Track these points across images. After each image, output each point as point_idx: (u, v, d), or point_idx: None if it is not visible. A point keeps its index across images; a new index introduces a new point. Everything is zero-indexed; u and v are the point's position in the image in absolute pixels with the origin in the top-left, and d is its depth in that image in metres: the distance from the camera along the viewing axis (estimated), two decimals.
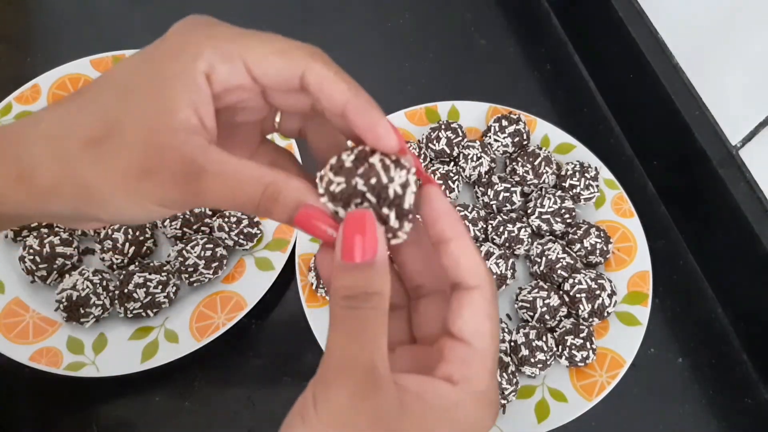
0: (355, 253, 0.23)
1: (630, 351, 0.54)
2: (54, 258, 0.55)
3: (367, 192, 0.24)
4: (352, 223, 0.24)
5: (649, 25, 0.62)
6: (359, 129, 0.24)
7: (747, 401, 0.56)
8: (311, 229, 0.24)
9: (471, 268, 0.25)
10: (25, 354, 0.52)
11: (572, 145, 0.64)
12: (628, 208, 0.60)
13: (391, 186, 0.24)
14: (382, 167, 0.24)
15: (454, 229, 0.26)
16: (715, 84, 0.56)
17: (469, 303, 0.25)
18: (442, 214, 0.26)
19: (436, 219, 0.26)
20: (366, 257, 0.23)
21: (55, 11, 0.74)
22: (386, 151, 0.25)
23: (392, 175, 0.24)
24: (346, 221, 0.24)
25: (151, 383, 0.54)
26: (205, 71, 0.24)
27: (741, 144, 0.54)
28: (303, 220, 0.24)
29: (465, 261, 0.25)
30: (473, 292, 0.25)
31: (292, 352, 0.56)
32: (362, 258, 0.23)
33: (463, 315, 0.25)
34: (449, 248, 0.26)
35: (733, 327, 0.59)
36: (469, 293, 0.25)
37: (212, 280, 0.56)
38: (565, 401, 0.52)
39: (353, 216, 0.24)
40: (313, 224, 0.24)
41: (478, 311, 0.25)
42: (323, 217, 0.24)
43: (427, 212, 0.26)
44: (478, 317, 0.25)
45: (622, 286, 0.57)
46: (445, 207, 0.26)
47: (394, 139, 0.24)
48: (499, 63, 0.73)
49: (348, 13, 0.76)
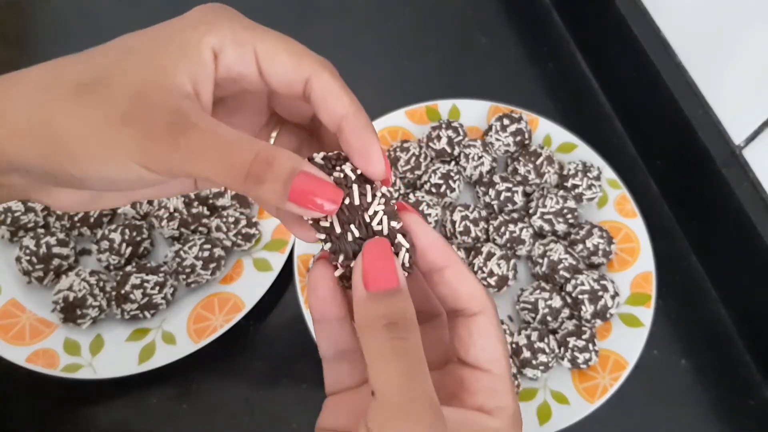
0: (384, 279, 0.23)
1: (633, 353, 0.53)
2: (50, 259, 0.54)
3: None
4: (374, 251, 0.24)
5: (652, 24, 0.61)
6: (352, 148, 0.24)
7: (750, 403, 0.55)
8: (311, 198, 0.22)
9: (472, 294, 0.25)
10: (21, 355, 0.52)
11: (575, 145, 0.63)
12: (631, 208, 0.60)
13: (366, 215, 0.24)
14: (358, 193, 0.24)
15: (445, 257, 0.25)
16: (718, 83, 0.56)
17: (478, 330, 0.25)
18: (430, 244, 0.25)
19: (424, 249, 0.25)
20: (394, 283, 0.23)
21: (53, 11, 0.74)
22: (372, 177, 0.24)
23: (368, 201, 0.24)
24: (367, 249, 0.24)
25: (148, 385, 0.54)
26: (213, 47, 0.23)
27: (744, 143, 0.54)
28: (301, 187, 0.22)
29: (464, 287, 0.25)
30: (479, 318, 0.25)
31: (290, 354, 0.56)
32: (391, 284, 0.23)
33: (477, 343, 0.25)
34: (444, 277, 0.25)
35: (736, 328, 0.58)
36: (475, 320, 0.25)
37: (210, 281, 0.56)
38: (567, 403, 0.52)
39: (373, 243, 0.24)
40: (314, 190, 0.22)
41: (490, 337, 0.25)
42: (324, 183, 0.23)
43: (417, 244, 0.25)
44: (492, 343, 0.25)
45: (625, 287, 0.56)
46: (431, 236, 0.25)
47: (383, 167, 0.24)
48: (500, 61, 0.73)
49: (348, 12, 0.76)
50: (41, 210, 0.58)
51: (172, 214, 0.56)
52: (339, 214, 0.24)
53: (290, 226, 0.27)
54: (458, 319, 0.26)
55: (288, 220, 0.27)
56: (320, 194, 0.22)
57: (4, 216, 0.56)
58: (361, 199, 0.24)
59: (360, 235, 0.25)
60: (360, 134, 0.24)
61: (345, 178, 0.24)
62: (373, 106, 0.65)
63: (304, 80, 0.24)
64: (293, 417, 0.53)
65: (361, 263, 0.24)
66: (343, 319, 0.26)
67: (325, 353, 0.27)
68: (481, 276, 0.55)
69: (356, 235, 0.24)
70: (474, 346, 0.25)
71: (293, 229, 0.27)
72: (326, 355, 0.27)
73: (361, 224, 0.24)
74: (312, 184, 0.22)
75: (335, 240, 0.25)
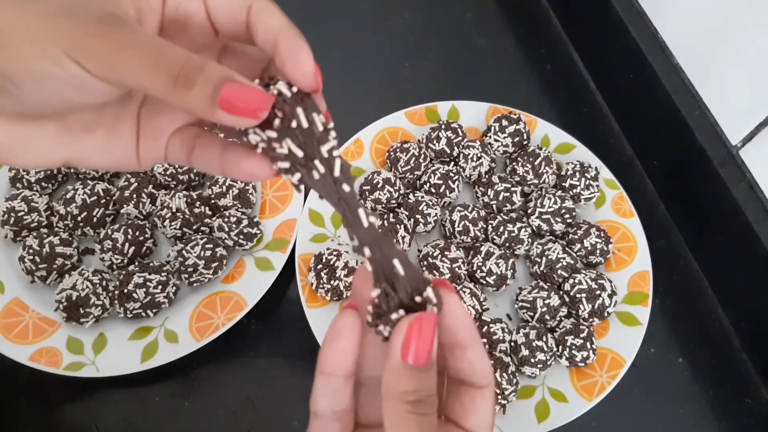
0: (422, 356, 0.24)
1: (630, 351, 0.54)
2: (54, 258, 0.55)
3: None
4: (422, 326, 0.24)
5: (649, 25, 0.62)
6: (282, 53, 0.24)
7: (747, 401, 0.56)
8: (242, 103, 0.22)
9: (485, 371, 0.27)
10: (24, 354, 0.52)
11: (572, 145, 0.64)
12: (629, 208, 0.60)
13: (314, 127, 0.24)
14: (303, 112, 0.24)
15: (472, 338, 0.27)
16: (715, 84, 0.56)
17: (482, 401, 0.27)
18: (463, 325, 0.26)
19: (457, 328, 0.26)
20: (428, 359, 0.24)
21: None
22: (303, 80, 0.24)
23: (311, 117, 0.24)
24: (415, 322, 0.24)
25: (151, 383, 0.54)
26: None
27: (741, 144, 0.54)
28: (231, 92, 0.22)
29: (480, 365, 0.27)
30: (485, 391, 0.27)
31: (291, 352, 0.56)
32: (425, 360, 0.24)
33: (478, 412, 0.27)
34: (467, 354, 0.27)
35: (733, 327, 0.59)
36: (481, 392, 0.27)
37: (212, 280, 0.56)
38: (565, 401, 0.52)
39: (424, 319, 0.25)
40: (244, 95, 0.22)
41: (489, 408, 0.27)
42: (255, 88, 0.22)
43: (450, 322, 0.26)
44: (490, 414, 0.27)
45: (623, 286, 0.57)
46: (466, 318, 0.27)
47: (312, 68, 0.24)
48: (499, 63, 0.73)
49: (348, 13, 0.76)
50: (44, 210, 0.58)
51: (174, 214, 0.57)
52: (291, 137, 0.24)
53: (239, 160, 0.25)
54: (464, 388, 0.27)
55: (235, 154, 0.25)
56: (251, 99, 0.22)
57: (7, 216, 0.57)
58: (312, 126, 0.24)
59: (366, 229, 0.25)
60: (290, 39, 0.24)
61: (281, 95, 0.24)
62: (372, 107, 0.65)
63: (247, 7, 0.24)
64: (294, 414, 0.54)
65: (405, 332, 0.24)
66: (350, 377, 0.27)
67: (320, 410, 0.27)
68: (480, 275, 0.56)
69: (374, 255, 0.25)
70: (475, 414, 0.27)
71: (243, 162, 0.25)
72: (321, 413, 0.27)
73: (322, 159, 0.24)
74: (242, 89, 0.22)
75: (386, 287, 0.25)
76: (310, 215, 0.59)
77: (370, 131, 0.64)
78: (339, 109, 0.69)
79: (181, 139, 0.26)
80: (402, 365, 0.24)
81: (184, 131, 0.27)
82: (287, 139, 0.24)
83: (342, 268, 0.54)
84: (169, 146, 0.26)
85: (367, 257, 0.25)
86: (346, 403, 0.27)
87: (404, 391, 0.24)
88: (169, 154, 0.26)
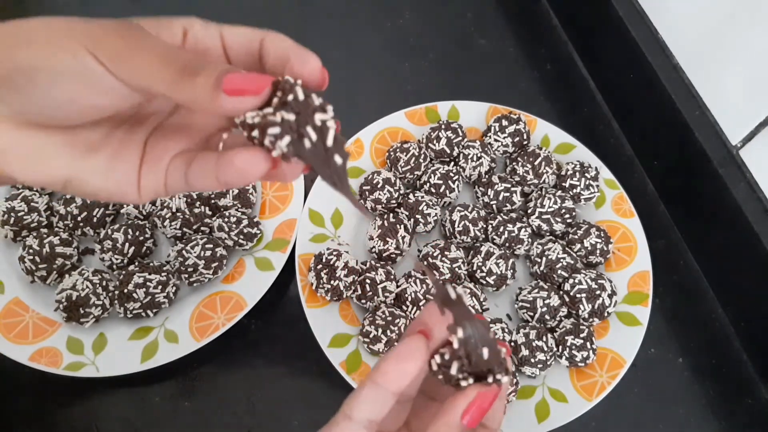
0: (475, 420, 0.28)
1: (630, 351, 0.54)
2: (54, 258, 0.55)
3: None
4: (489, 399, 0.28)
5: (649, 25, 0.62)
6: (292, 60, 0.25)
7: (747, 401, 0.56)
8: (245, 85, 0.23)
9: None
10: (24, 354, 0.52)
11: (572, 145, 0.64)
12: (629, 208, 0.60)
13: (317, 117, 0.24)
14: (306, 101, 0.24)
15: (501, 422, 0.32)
16: (715, 84, 0.56)
17: None
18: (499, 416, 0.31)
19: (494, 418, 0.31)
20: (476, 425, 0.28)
21: (54, 11, 0.74)
22: (308, 74, 0.25)
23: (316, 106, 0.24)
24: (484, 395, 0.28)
25: (150, 383, 0.54)
26: (183, 26, 0.26)
27: (741, 144, 0.54)
28: (233, 79, 0.23)
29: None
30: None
31: (291, 352, 0.56)
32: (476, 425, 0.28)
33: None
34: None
35: (733, 327, 0.59)
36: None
37: (212, 280, 0.56)
38: (565, 401, 0.52)
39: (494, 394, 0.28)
40: (246, 79, 0.24)
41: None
42: (255, 74, 0.24)
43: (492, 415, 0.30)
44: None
45: (623, 286, 0.57)
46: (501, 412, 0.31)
47: (319, 64, 0.26)
48: (499, 63, 0.73)
49: (348, 13, 0.76)
50: (44, 210, 0.58)
51: (174, 214, 0.57)
52: (286, 108, 0.24)
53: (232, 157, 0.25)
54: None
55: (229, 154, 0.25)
56: (253, 79, 0.24)
57: (7, 216, 0.57)
58: (308, 99, 0.24)
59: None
60: (300, 50, 0.26)
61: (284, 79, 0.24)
62: (372, 107, 0.65)
63: (260, 39, 0.26)
64: (294, 414, 0.54)
65: (473, 397, 0.28)
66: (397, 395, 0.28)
67: (358, 416, 0.28)
68: (480, 275, 0.56)
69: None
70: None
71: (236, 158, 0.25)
72: (357, 419, 0.28)
73: (314, 127, 0.24)
74: (243, 76, 0.24)
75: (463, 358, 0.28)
76: (310, 215, 0.59)
77: (370, 131, 0.64)
78: (339, 109, 0.69)
79: (181, 160, 0.27)
80: (458, 424, 0.27)
81: (184, 153, 0.27)
82: (282, 111, 0.24)
83: (342, 268, 0.54)
84: (170, 168, 0.27)
85: (459, 337, 0.28)
86: (383, 416, 0.28)
87: None
88: (169, 176, 0.27)
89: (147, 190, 0.27)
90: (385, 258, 0.57)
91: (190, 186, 0.27)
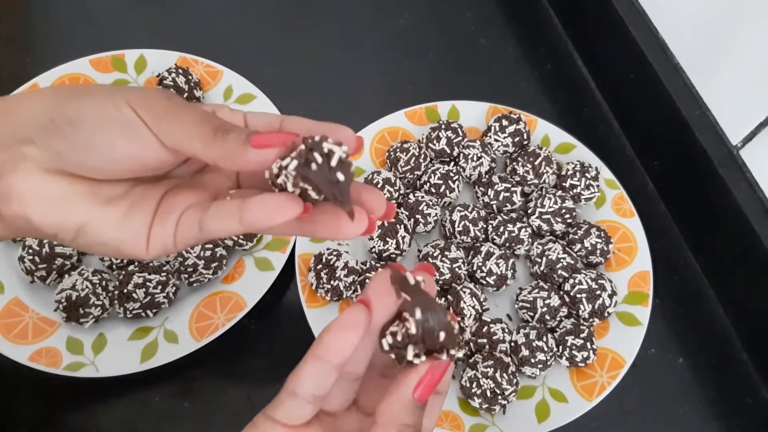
0: (426, 394, 0.27)
1: (630, 351, 0.54)
2: (53, 258, 0.55)
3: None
4: (440, 372, 0.27)
5: (649, 25, 0.62)
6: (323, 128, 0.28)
7: (748, 401, 0.56)
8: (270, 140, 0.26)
9: None
10: (24, 354, 0.52)
11: (573, 145, 0.64)
12: (629, 208, 0.60)
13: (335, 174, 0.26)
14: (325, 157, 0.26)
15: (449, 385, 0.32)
16: (716, 84, 0.56)
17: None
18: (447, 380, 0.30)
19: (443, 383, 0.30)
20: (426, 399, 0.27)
21: (54, 11, 0.74)
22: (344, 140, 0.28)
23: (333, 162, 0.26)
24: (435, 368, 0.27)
25: (150, 384, 0.54)
26: (213, 109, 0.29)
27: (742, 144, 0.54)
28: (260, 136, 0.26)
29: None
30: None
31: (291, 353, 0.55)
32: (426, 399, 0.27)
33: None
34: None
35: (734, 327, 0.59)
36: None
37: (212, 280, 0.56)
38: (565, 402, 0.52)
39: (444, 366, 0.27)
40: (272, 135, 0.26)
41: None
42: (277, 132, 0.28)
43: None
44: None
45: (623, 287, 0.57)
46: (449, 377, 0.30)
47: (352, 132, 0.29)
48: (499, 62, 0.73)
49: (348, 13, 0.76)
50: None
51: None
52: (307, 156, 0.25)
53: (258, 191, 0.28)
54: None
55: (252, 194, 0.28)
56: (277, 137, 0.26)
57: None
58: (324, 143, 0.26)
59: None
60: (328, 124, 0.29)
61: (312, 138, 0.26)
62: (372, 107, 0.65)
63: (280, 121, 0.29)
64: None
65: (424, 372, 0.27)
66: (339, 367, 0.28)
67: (301, 391, 0.27)
68: (480, 275, 0.56)
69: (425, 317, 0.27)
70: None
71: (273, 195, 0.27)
72: (301, 394, 0.27)
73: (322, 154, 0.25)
74: (269, 133, 0.27)
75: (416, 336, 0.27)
76: None
77: (370, 131, 0.64)
78: (339, 109, 0.69)
79: (195, 209, 0.28)
80: (410, 400, 0.27)
81: (197, 204, 0.29)
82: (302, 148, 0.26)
83: (342, 268, 0.54)
84: (182, 218, 0.28)
85: (417, 319, 0.27)
86: (327, 389, 0.28)
87: (406, 424, 0.27)
88: (180, 226, 0.28)
89: (156, 243, 0.28)
90: (385, 258, 0.57)
91: (204, 232, 0.27)
